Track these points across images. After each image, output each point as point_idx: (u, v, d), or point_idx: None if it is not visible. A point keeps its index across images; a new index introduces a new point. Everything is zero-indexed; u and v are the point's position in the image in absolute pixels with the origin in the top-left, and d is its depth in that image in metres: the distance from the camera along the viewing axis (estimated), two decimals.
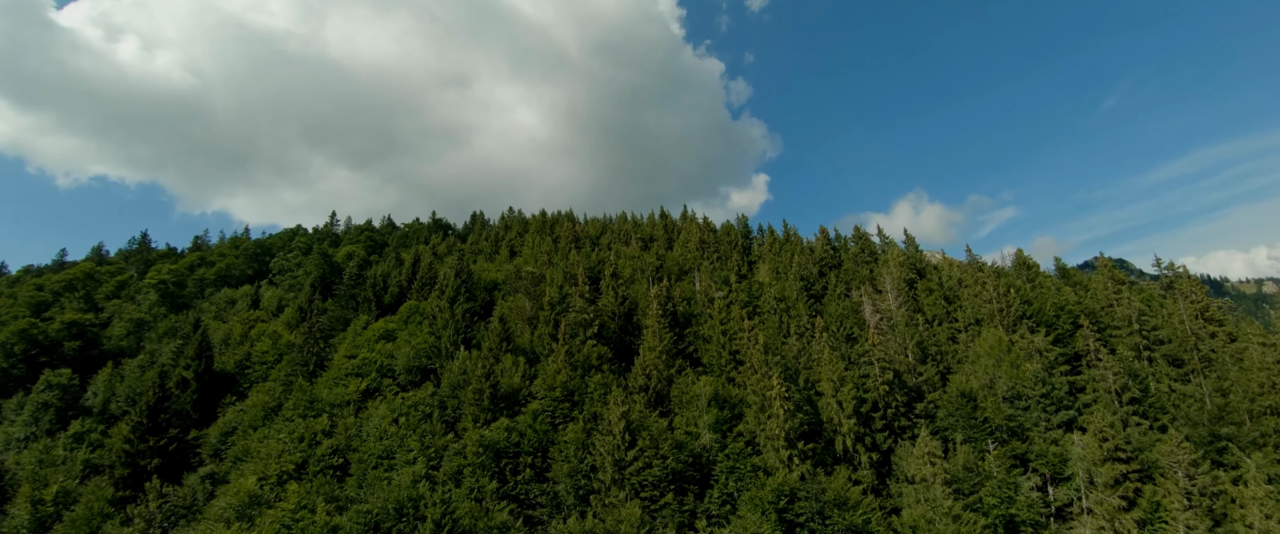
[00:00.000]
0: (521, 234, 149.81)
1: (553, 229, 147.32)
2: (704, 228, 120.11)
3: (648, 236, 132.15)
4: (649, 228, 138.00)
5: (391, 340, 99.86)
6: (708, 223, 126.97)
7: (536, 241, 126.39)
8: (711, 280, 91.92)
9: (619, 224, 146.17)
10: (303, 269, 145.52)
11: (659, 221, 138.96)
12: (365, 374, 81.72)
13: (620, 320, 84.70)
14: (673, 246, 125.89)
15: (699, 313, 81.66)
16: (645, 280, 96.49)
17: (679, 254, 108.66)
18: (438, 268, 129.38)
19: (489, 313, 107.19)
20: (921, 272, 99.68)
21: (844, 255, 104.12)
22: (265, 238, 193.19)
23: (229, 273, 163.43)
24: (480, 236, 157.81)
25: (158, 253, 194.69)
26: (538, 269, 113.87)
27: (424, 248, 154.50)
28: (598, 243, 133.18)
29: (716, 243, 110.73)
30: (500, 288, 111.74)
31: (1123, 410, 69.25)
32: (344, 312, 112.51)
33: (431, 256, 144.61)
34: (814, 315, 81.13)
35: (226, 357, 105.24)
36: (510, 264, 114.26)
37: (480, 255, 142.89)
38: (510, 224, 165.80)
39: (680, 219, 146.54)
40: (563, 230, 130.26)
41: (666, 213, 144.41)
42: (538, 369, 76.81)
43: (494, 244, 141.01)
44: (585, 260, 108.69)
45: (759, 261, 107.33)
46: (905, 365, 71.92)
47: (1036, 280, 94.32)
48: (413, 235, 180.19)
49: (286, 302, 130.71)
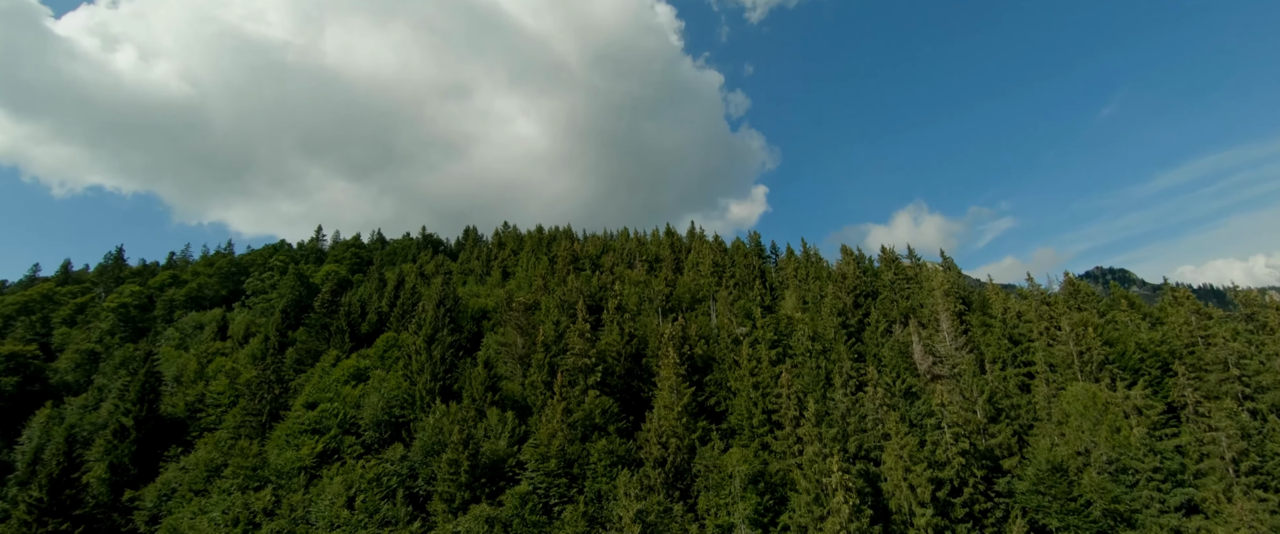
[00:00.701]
0: (516, 252, 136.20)
1: (550, 247, 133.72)
2: (716, 248, 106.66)
3: (653, 257, 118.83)
4: (654, 247, 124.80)
5: (363, 381, 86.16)
6: (719, 242, 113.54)
7: (531, 263, 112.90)
8: (731, 313, 78.38)
9: (621, 242, 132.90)
10: (277, 291, 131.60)
11: (664, 240, 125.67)
12: (325, 429, 67.86)
13: (627, 362, 71.05)
14: (681, 269, 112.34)
15: (720, 356, 68.10)
16: (654, 311, 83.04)
17: (690, 279, 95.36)
18: (422, 292, 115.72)
19: (477, 345, 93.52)
20: (967, 300, 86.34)
21: (880, 281, 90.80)
22: (242, 255, 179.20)
23: (201, 293, 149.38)
24: (472, 255, 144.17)
25: (131, 270, 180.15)
26: (532, 295, 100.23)
27: (410, 267, 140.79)
28: (598, 264, 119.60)
29: (731, 266, 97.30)
30: (490, 317, 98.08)
31: (1241, 481, 55.75)
32: (314, 343, 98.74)
33: (417, 277, 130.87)
34: (856, 358, 67.61)
35: (177, 397, 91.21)
36: (502, 289, 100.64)
37: (470, 276, 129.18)
38: (504, 240, 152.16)
39: (687, 236, 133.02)
40: (560, 250, 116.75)
41: (673, 230, 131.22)
42: (530, 424, 63.21)
43: (485, 264, 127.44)
44: (585, 286, 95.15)
45: (782, 289, 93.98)
46: (974, 425, 58.35)
47: (1107, 313, 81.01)
48: (401, 252, 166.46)
49: (255, 328, 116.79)
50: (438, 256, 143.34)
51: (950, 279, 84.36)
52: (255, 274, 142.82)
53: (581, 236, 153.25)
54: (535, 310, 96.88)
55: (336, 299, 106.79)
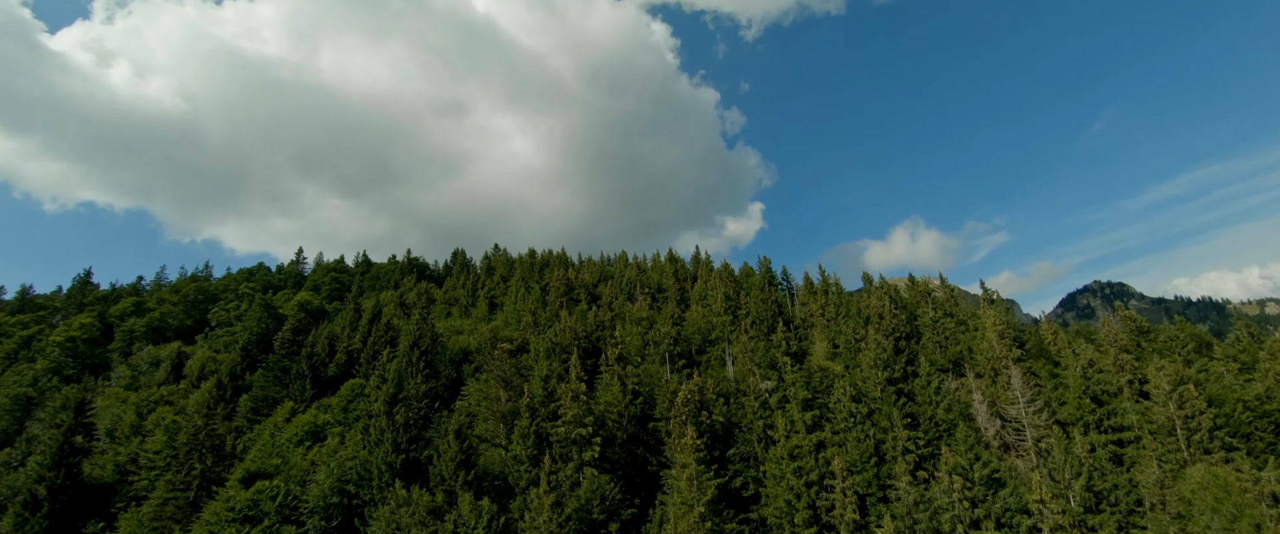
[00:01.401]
0: (505, 279, 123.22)
1: (541, 274, 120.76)
2: (726, 278, 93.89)
3: (655, 286, 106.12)
4: (655, 275, 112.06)
5: (320, 441, 72.80)
6: (728, 270, 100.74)
7: (520, 294, 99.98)
8: (751, 361, 65.57)
9: (620, 268, 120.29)
10: (242, 323, 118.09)
11: (667, 266, 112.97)
12: (261, 515, 54.55)
13: (630, 425, 58.10)
14: (687, 300, 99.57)
15: (745, 423, 55.18)
16: (659, 357, 70.20)
17: (699, 316, 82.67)
18: (401, 326, 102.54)
19: (456, 392, 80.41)
20: (1021, 341, 73.86)
21: (920, 319, 78.18)
22: (217, 279, 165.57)
23: (165, 323, 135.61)
24: (458, 281, 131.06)
25: (98, 294, 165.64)
26: (520, 333, 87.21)
27: (390, 296, 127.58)
28: (595, 295, 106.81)
29: (745, 300, 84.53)
30: (472, 359, 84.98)
31: None
32: (271, 389, 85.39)
33: (396, 308, 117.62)
34: (910, 424, 54.80)
35: (108, 456, 77.58)
36: (487, 325, 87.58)
37: (455, 307, 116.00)
38: (494, 265, 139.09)
39: (692, 263, 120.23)
40: (553, 278, 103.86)
41: (676, 257, 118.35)
42: (512, 511, 50.15)
43: (471, 293, 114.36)
44: (581, 324, 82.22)
45: (805, 327, 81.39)
46: (1070, 517, 45.56)
47: (1194, 361, 68.54)
48: (384, 277, 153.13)
49: (213, 368, 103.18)
50: (422, 283, 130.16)
51: (1000, 317, 71.84)
52: (221, 303, 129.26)
53: (577, 261, 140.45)
54: (524, 352, 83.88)
55: (298, 338, 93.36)
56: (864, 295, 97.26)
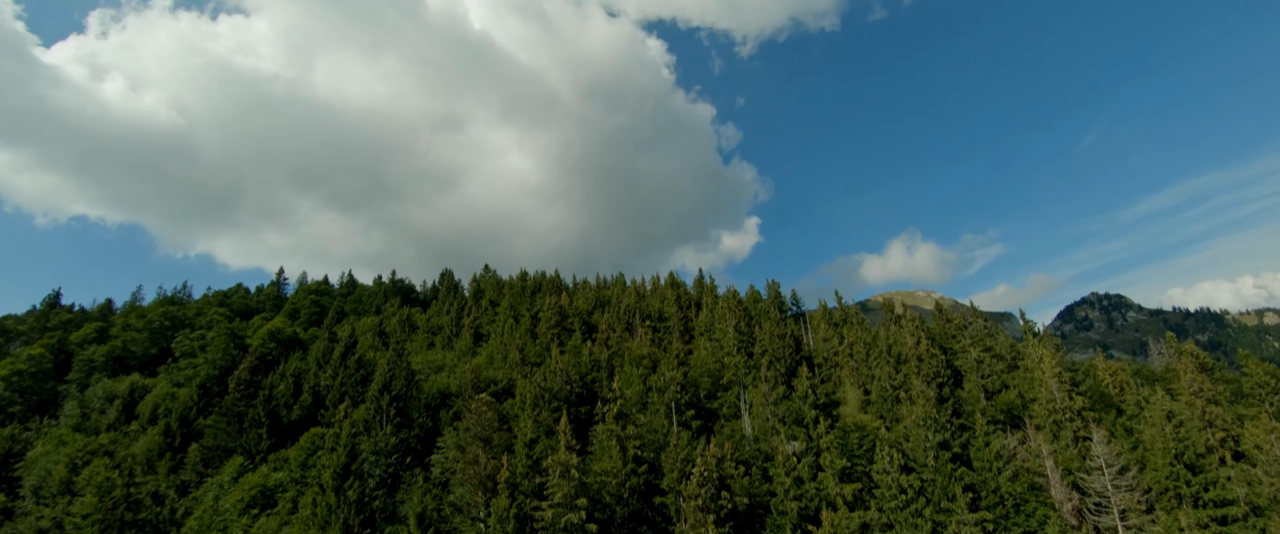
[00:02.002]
0: (494, 304, 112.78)
1: (533, 300, 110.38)
2: (734, 307, 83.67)
3: (656, 314, 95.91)
4: (656, 301, 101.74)
5: (270, 508, 62.13)
6: (736, 297, 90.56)
7: (509, 326, 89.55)
8: (773, 413, 55.36)
9: (617, 293, 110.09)
10: (206, 355, 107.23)
11: (668, 291, 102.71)
12: None
13: (634, 500, 47.78)
14: (691, 331, 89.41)
15: (776, 502, 44.88)
16: (663, 405, 59.87)
17: (708, 355, 72.53)
18: (377, 359, 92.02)
19: (432, 444, 69.88)
20: (1075, 381, 63.83)
21: (961, 358, 68.19)
22: (188, 303, 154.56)
23: (127, 353, 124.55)
24: (444, 306, 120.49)
25: (64, 317, 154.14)
26: (507, 372, 76.76)
27: (369, 323, 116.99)
28: (591, 324, 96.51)
29: (759, 335, 74.26)
30: (452, 401, 74.42)
31: None
32: (224, 437, 74.60)
33: (375, 338, 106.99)
34: (971, 501, 44.61)
35: (27, 523, 66.70)
36: (469, 364, 77.14)
37: (439, 335, 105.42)
38: (483, 287, 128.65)
39: (696, 288, 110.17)
40: (545, 307, 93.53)
41: (678, 281, 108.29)
42: None
43: (456, 320, 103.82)
44: (574, 364, 71.92)
45: (829, 368, 71.18)
46: None
47: None
48: (368, 301, 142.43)
49: (167, 409, 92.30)
50: (404, 309, 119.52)
51: (1055, 357, 61.83)
52: (185, 332, 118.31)
53: (571, 284, 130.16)
54: (510, 396, 73.43)
55: (256, 378, 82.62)
56: (887, 324, 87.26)
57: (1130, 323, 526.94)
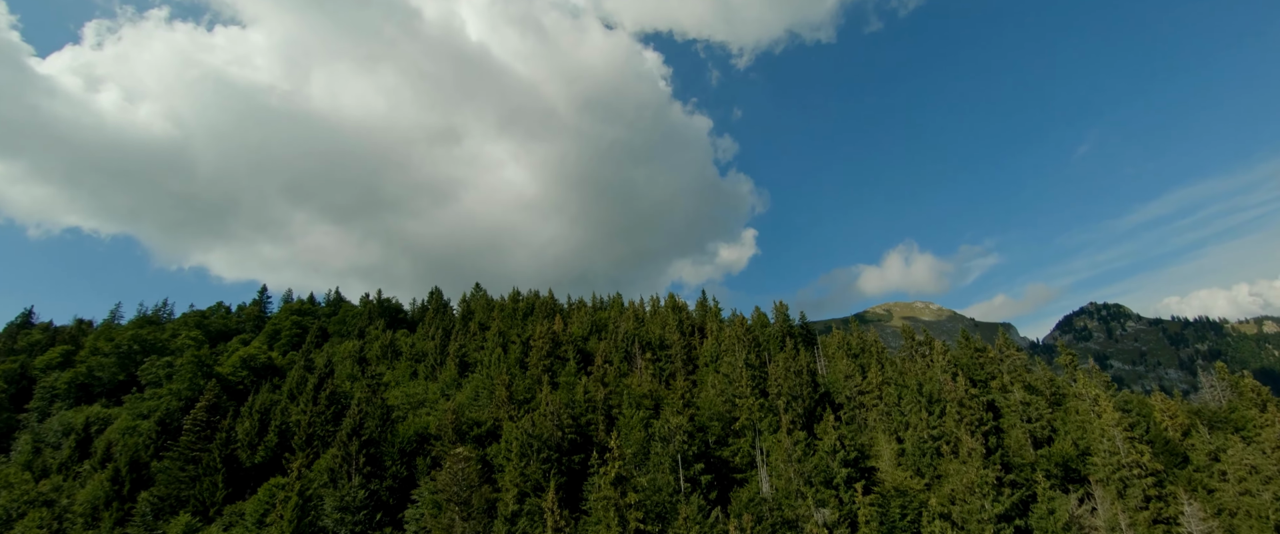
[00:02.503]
0: (484, 327, 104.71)
1: (525, 323, 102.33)
2: (743, 337, 75.76)
3: (657, 341, 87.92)
4: (656, 326, 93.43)
5: None
6: (743, 325, 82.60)
7: (497, 357, 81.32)
8: (797, 474, 47.38)
9: (614, 315, 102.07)
10: (169, 386, 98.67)
11: (669, 314, 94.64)
12: None
13: None
14: (695, 361, 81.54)
15: None
16: (669, 459, 51.84)
17: (716, 395, 64.51)
18: (353, 392, 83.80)
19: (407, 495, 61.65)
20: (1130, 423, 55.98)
21: (1004, 399, 60.33)
22: (167, 322, 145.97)
23: (93, 379, 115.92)
24: (432, 327, 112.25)
25: (34, 338, 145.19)
26: (493, 412, 68.57)
27: (349, 348, 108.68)
28: (586, 352, 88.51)
29: (775, 372, 66.29)
30: (431, 445, 66.18)
31: None
32: (176, 486, 66.16)
33: (354, 366, 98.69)
34: None
35: None
36: (451, 402, 69.07)
37: (423, 363, 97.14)
38: (473, 308, 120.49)
39: (697, 310, 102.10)
40: (537, 333, 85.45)
41: (680, 303, 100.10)
42: None
43: (441, 348, 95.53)
44: (568, 402, 63.90)
45: (855, 408, 63.13)
46: None
47: None
48: (351, 322, 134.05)
49: (120, 449, 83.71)
50: (387, 333, 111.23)
51: (1110, 398, 54.06)
52: (151, 359, 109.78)
53: (566, 304, 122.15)
54: (495, 439, 65.22)
55: (215, 418, 74.19)
56: (910, 355, 79.42)
57: (1130, 332, 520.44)
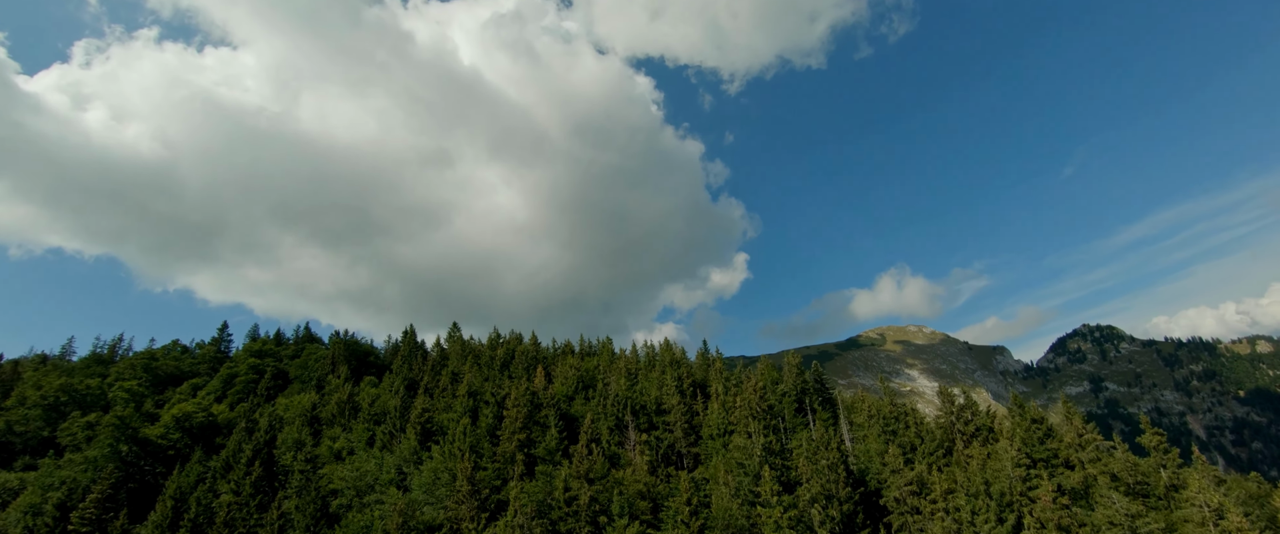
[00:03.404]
0: (456, 378, 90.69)
1: (503, 375, 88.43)
2: (756, 406, 62.35)
3: (653, 405, 74.27)
4: (651, 386, 79.24)
5: None
6: (755, 390, 68.96)
7: (463, 429, 67.23)
8: None
9: (604, 365, 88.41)
10: (83, 454, 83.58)
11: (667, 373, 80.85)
12: None
13: None
14: (698, 432, 68.11)
15: None
16: None
17: (731, 502, 50.88)
18: (295, 467, 69.47)
19: None
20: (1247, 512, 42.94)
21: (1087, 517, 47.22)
22: (106, 365, 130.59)
23: (13, 434, 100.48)
24: (400, 376, 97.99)
25: None
26: (454, 509, 54.58)
27: (304, 400, 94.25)
28: (571, 416, 74.79)
29: (798, 462, 52.88)
30: None
31: None
32: None
33: (303, 428, 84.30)
34: None
35: None
36: (400, 501, 55.10)
37: (382, 426, 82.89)
38: (447, 353, 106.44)
39: (698, 363, 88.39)
40: (514, 396, 71.56)
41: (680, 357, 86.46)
42: None
43: (402, 410, 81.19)
44: (546, 491, 50.23)
45: (912, 515, 49.60)
46: None
47: None
48: (314, 366, 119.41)
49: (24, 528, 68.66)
50: (346, 387, 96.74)
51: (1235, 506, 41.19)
52: (73, 417, 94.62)
53: (551, 346, 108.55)
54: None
55: (106, 515, 59.63)
56: (950, 416, 66.15)
57: (1123, 354, 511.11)
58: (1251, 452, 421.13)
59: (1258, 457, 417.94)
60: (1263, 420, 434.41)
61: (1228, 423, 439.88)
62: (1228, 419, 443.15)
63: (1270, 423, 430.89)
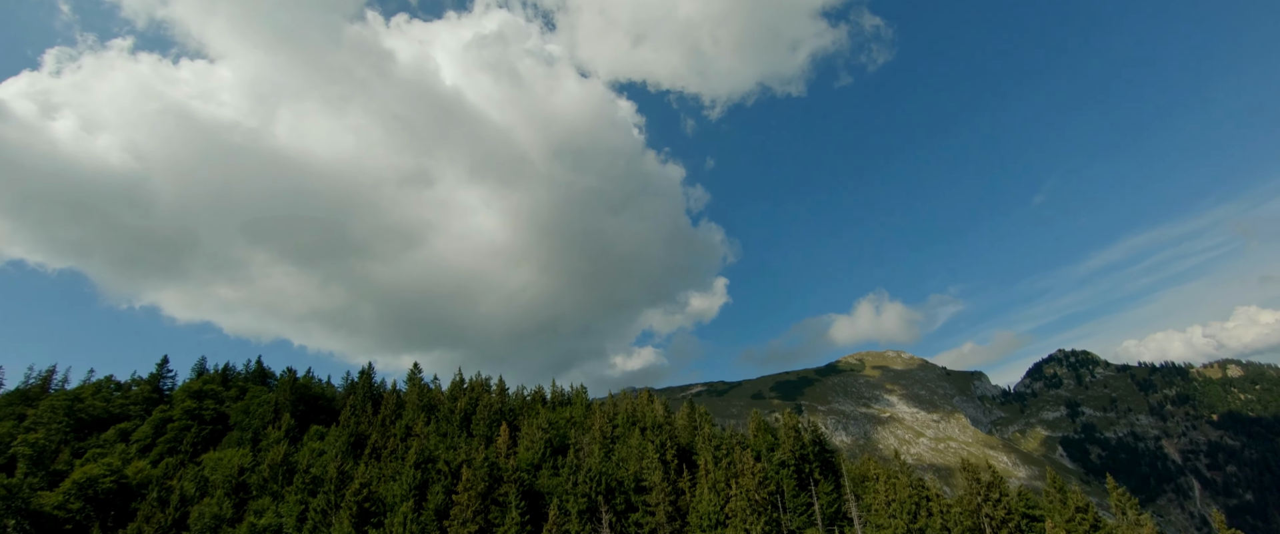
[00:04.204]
0: (408, 435, 78.77)
1: (464, 432, 76.76)
2: (757, 495, 51.79)
3: (632, 482, 63.16)
4: (633, 459, 67.91)
5: None
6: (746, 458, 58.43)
7: (402, 518, 55.63)
8: None
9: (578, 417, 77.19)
10: None
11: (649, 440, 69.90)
12: None
13: None
14: (684, 515, 57.28)
15: None
16: None
17: None
18: None
19: None
20: None
21: None
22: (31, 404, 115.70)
23: None
24: (348, 427, 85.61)
25: None
26: None
27: (232, 458, 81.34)
28: (537, 492, 63.41)
29: None
30: None
31: None
32: None
33: (225, 500, 71.64)
34: None
35: None
36: None
37: (317, 497, 70.53)
38: (404, 401, 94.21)
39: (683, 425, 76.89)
40: (473, 466, 60.08)
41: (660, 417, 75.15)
42: None
43: (337, 488, 68.94)
44: None
45: None
46: None
47: None
48: (256, 411, 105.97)
49: None
50: (282, 446, 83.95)
51: None
52: None
53: (521, 394, 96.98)
54: None
55: None
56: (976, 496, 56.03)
57: (1099, 379, 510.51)
58: (1227, 476, 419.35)
59: (1233, 480, 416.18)
60: (1236, 444, 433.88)
61: (1202, 447, 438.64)
62: (1202, 443, 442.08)
63: (1244, 446, 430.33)
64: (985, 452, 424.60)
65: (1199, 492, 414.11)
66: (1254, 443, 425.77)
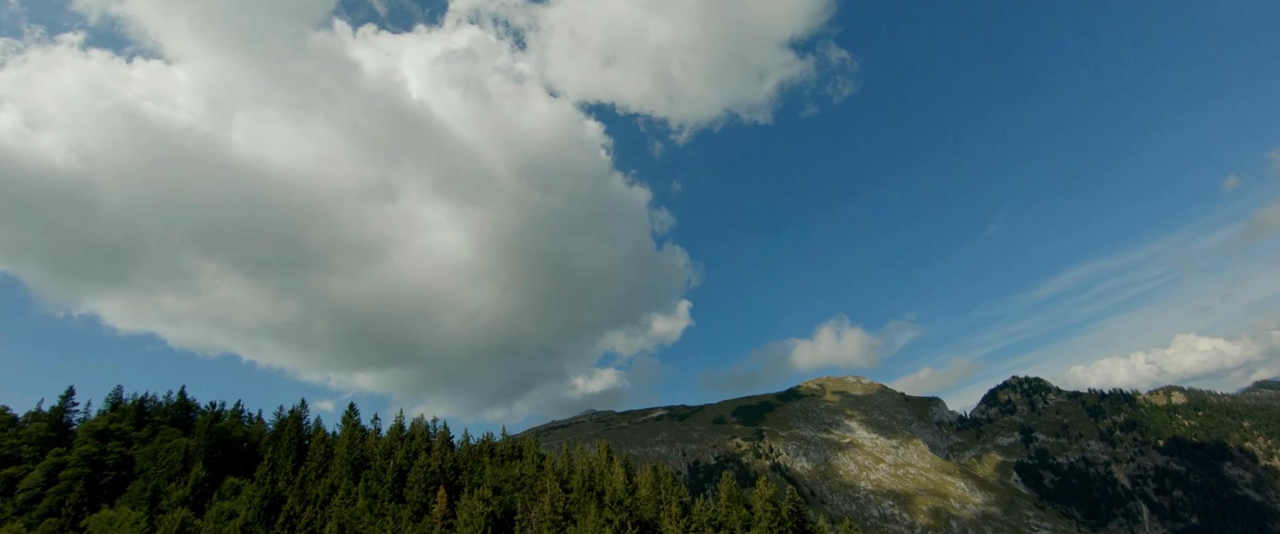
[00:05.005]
0: (330, 499, 67.74)
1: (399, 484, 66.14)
2: None
3: None
4: (589, 525, 58.89)
5: None
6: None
7: None
8: None
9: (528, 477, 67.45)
10: None
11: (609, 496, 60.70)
12: None
13: None
14: None
15: None
16: None
17: None
18: None
19: None
20: None
21: None
22: None
23: None
24: (262, 489, 73.73)
25: None
26: None
27: (126, 520, 68.75)
28: None
29: None
30: None
31: None
32: None
33: None
34: None
35: None
36: None
37: None
38: (333, 451, 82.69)
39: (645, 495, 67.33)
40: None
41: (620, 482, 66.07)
42: None
43: None
44: None
45: None
46: None
47: None
48: (163, 458, 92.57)
49: None
50: (181, 512, 71.78)
51: None
52: None
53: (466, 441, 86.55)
54: None
55: None
56: None
57: (1051, 405, 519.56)
58: (1173, 500, 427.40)
59: (1179, 505, 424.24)
60: (1181, 469, 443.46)
61: (1150, 472, 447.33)
62: (1150, 468, 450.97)
63: (1189, 471, 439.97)
64: (943, 477, 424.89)
65: (1148, 516, 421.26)
66: (1198, 468, 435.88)
